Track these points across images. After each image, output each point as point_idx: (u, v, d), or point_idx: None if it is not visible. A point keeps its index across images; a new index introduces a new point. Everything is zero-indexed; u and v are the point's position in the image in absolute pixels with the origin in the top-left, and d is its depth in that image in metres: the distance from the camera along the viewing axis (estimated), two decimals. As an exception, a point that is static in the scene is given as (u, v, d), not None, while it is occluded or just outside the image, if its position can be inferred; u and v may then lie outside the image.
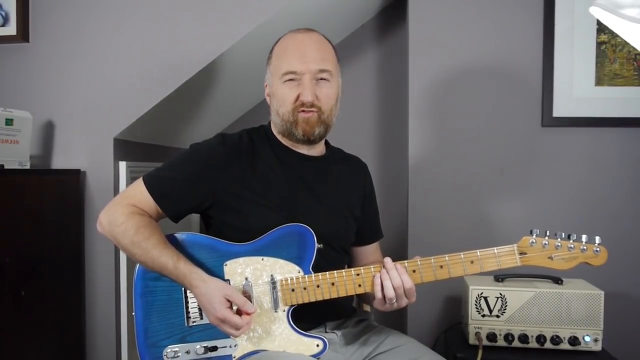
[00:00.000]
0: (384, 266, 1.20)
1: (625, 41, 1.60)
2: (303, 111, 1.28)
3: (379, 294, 1.19)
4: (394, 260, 1.21)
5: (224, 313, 1.14)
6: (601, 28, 1.84)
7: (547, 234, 1.20)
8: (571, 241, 1.19)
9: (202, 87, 2.02)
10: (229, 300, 1.15)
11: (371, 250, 1.50)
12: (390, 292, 1.17)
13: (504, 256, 1.20)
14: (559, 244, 1.19)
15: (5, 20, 1.91)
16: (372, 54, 2.39)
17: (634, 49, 1.78)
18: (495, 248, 1.20)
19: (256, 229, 1.25)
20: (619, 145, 1.87)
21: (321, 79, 1.29)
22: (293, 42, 1.31)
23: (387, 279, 1.18)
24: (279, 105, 1.31)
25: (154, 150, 2.19)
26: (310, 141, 1.32)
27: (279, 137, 1.37)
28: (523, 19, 1.90)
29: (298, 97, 1.27)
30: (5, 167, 1.70)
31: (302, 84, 1.28)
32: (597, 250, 1.18)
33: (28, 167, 1.79)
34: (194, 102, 2.12)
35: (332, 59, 1.33)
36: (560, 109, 1.87)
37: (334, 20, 2.22)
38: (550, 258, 1.19)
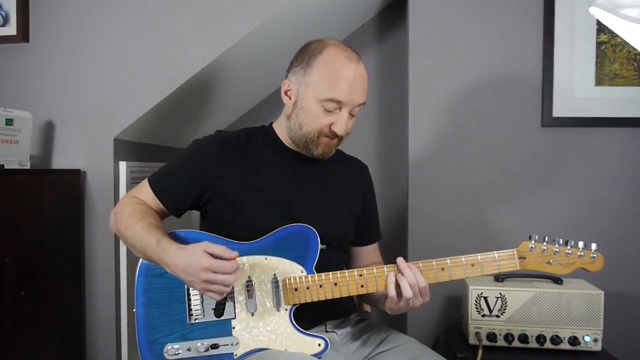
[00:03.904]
0: (397, 266, 1.21)
1: (625, 41, 1.60)
2: (327, 137, 1.29)
3: (392, 292, 1.19)
4: (391, 262, 1.23)
5: (209, 260, 1.13)
6: (601, 28, 1.84)
7: (546, 239, 1.22)
8: (569, 247, 1.21)
9: (202, 87, 2.01)
10: (208, 253, 1.14)
11: (370, 251, 1.50)
12: (408, 292, 1.17)
13: (504, 260, 1.22)
14: (557, 250, 1.21)
15: (5, 20, 1.91)
16: (372, 54, 2.39)
17: (634, 49, 1.78)
18: (495, 252, 1.22)
19: (253, 224, 1.27)
20: (619, 145, 1.87)
21: (351, 114, 1.30)
22: (345, 72, 1.25)
23: (403, 279, 1.18)
24: (306, 122, 1.29)
25: (154, 150, 2.19)
26: (321, 159, 1.34)
27: (283, 137, 1.37)
28: (523, 19, 1.90)
29: (331, 125, 1.27)
30: (5, 167, 1.70)
31: (338, 115, 1.27)
32: (593, 257, 1.20)
33: (28, 167, 1.79)
34: (194, 102, 2.12)
35: (366, 91, 1.33)
36: (560, 109, 1.87)
37: (334, 20, 2.22)
38: (549, 263, 1.22)
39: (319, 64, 1.27)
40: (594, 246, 1.21)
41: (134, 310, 1.23)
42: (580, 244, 1.21)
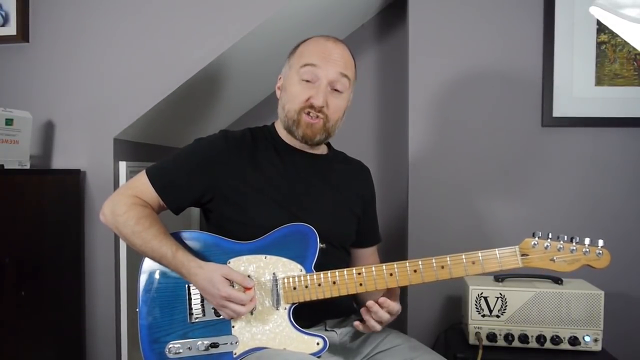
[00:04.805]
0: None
1: (625, 41, 1.60)
2: (309, 114, 1.30)
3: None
4: (393, 260, 1.23)
5: (228, 290, 1.16)
6: (601, 28, 1.84)
7: (550, 236, 1.19)
8: (574, 243, 1.18)
9: (202, 86, 2.02)
10: (228, 279, 1.18)
11: (369, 253, 1.51)
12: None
13: (506, 257, 1.19)
14: (561, 246, 1.18)
15: (5, 20, 1.91)
16: (372, 54, 2.39)
17: (634, 49, 1.78)
18: (496, 249, 1.19)
19: (256, 224, 1.27)
20: (619, 145, 1.87)
21: (335, 89, 1.31)
22: (320, 44, 1.33)
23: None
24: (287, 101, 1.32)
25: (154, 150, 2.19)
26: (307, 144, 1.35)
27: (283, 135, 1.38)
28: (523, 19, 1.90)
29: (309, 98, 1.29)
30: (5, 167, 1.70)
31: (316, 87, 1.29)
32: (599, 253, 1.17)
33: (28, 167, 1.79)
34: (194, 102, 2.12)
35: (352, 69, 1.35)
36: (560, 109, 1.87)
37: (334, 20, 2.22)
38: (552, 260, 1.18)
39: (299, 49, 1.36)
40: (600, 242, 1.17)
41: (137, 309, 1.24)
42: (587, 241, 1.17)
